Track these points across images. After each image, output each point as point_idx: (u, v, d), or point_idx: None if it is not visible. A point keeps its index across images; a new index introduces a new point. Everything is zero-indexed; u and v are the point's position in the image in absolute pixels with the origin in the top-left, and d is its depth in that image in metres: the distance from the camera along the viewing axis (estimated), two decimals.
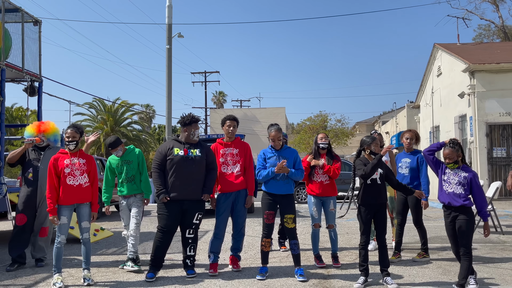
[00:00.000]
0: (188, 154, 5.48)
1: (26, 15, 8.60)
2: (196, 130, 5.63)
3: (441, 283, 5.03)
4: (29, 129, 6.46)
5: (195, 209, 5.50)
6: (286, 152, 5.54)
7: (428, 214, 12.46)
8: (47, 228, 6.35)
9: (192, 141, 5.61)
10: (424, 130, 21.22)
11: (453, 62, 16.85)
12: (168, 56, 18.98)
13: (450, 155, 4.78)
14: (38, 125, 6.50)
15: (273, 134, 5.50)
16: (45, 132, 6.45)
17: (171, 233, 5.50)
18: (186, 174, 5.42)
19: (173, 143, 5.62)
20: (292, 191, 5.50)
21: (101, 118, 35.61)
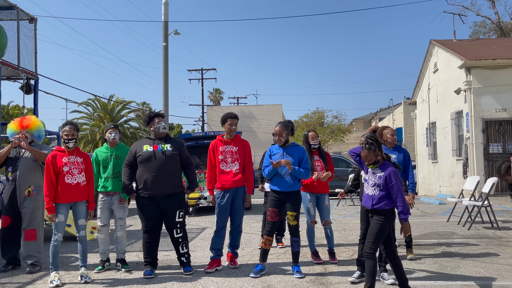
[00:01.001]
0: (158, 149, 5.47)
1: (22, 13, 8.57)
2: (160, 122, 5.59)
3: (437, 278, 5.05)
4: (11, 126, 6.08)
5: (174, 207, 5.41)
6: (292, 149, 5.50)
7: (425, 210, 12.50)
8: (34, 231, 5.88)
9: (160, 135, 5.60)
10: (420, 127, 21.26)
11: (449, 59, 16.87)
12: (165, 53, 18.95)
13: (367, 157, 4.43)
14: (20, 121, 6.10)
15: (277, 129, 5.48)
16: (28, 128, 6.05)
17: (155, 232, 5.51)
18: (157, 168, 5.38)
19: (144, 141, 5.63)
20: (296, 188, 5.45)
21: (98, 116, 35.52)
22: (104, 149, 5.92)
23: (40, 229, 5.97)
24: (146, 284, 5.08)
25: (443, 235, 7.98)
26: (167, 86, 18.96)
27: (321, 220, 6.04)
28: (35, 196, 5.89)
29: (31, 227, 5.87)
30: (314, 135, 6.10)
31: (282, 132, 5.46)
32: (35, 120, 6.16)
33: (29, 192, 5.89)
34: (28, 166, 5.94)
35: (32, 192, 5.90)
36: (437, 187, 18.45)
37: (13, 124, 6.09)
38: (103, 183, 5.80)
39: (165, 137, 5.63)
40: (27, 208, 5.86)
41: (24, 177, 5.89)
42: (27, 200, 5.88)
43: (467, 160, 15.01)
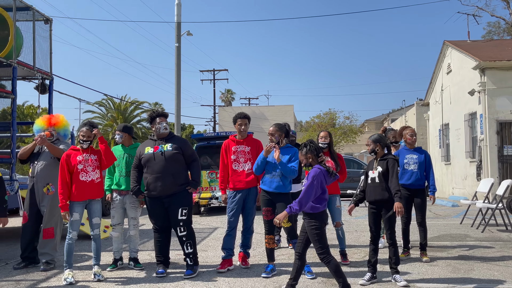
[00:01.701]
0: (158, 150, 5.49)
1: (37, 14, 8.67)
2: (161, 122, 5.60)
3: (450, 281, 5.01)
4: (39, 122, 6.16)
5: (177, 205, 5.41)
6: (285, 150, 5.53)
7: (437, 212, 12.40)
8: (51, 229, 5.93)
9: (162, 135, 5.61)
10: (433, 128, 21.09)
11: (463, 59, 16.71)
12: (177, 54, 19.04)
13: (300, 158, 4.59)
14: (48, 118, 6.19)
15: (271, 129, 5.52)
16: (55, 126, 6.16)
17: (165, 231, 5.55)
18: (158, 169, 5.41)
19: (147, 143, 5.67)
20: (286, 190, 5.44)
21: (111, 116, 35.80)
22: (120, 147, 5.99)
23: (57, 227, 6.03)
24: (158, 283, 5.11)
25: (456, 237, 7.91)
26: (180, 86, 19.05)
27: (332, 221, 6.00)
28: (54, 194, 5.89)
29: (49, 226, 5.93)
30: (325, 134, 6.04)
31: (275, 132, 5.48)
32: (63, 119, 6.27)
33: (48, 190, 5.94)
34: (47, 162, 5.99)
35: (51, 190, 5.93)
36: (450, 189, 18.29)
37: (41, 120, 6.15)
38: (116, 181, 5.86)
39: (167, 137, 5.64)
40: (45, 206, 5.92)
41: (43, 173, 5.94)
42: (46, 198, 5.93)
43: (481, 162, 14.85)
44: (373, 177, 5.15)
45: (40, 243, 5.95)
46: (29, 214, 5.99)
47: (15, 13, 8.03)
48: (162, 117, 5.66)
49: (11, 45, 7.85)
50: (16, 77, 7.95)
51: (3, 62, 7.72)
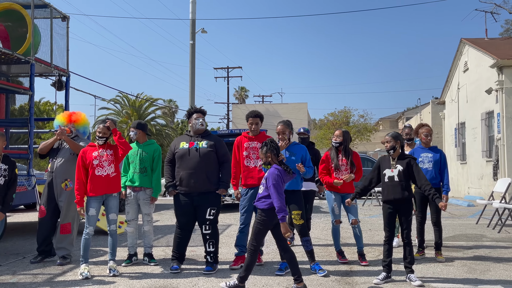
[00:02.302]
0: (193, 146, 5.50)
1: (55, 11, 8.76)
2: (198, 119, 5.63)
3: (466, 281, 4.96)
4: (60, 118, 6.23)
5: (206, 204, 5.43)
6: (294, 148, 5.52)
7: (453, 211, 12.28)
8: (69, 225, 6.04)
9: (198, 132, 5.63)
10: (449, 127, 20.87)
11: (480, 57, 16.50)
12: (192, 51, 19.10)
13: (260, 156, 4.68)
14: (69, 114, 6.28)
15: (278, 128, 5.51)
16: (75, 123, 6.24)
17: (186, 228, 5.56)
18: (191, 166, 5.43)
19: (182, 138, 5.71)
20: (298, 187, 5.47)
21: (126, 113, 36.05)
22: (134, 144, 6.03)
23: (74, 223, 6.11)
24: (172, 279, 5.15)
25: (472, 237, 7.83)
26: (194, 83, 19.11)
27: (348, 219, 5.95)
28: (71, 190, 5.92)
29: (67, 221, 6.02)
30: (338, 133, 5.99)
31: (285, 130, 5.47)
32: (84, 117, 6.35)
33: (66, 186, 6.01)
34: (66, 158, 6.07)
35: (69, 186, 5.99)
36: (466, 188, 18.09)
37: (62, 116, 6.23)
38: (130, 178, 5.91)
39: (203, 134, 5.66)
40: (63, 201, 6.00)
41: (61, 169, 6.01)
42: (63, 194, 6.00)
43: (498, 161, 14.66)
44: (391, 176, 5.09)
45: (57, 238, 6.03)
46: (46, 208, 6.05)
47: (33, 11, 8.13)
48: (199, 113, 5.70)
49: (29, 42, 7.96)
50: (34, 74, 8.05)
51: (21, 59, 7.82)
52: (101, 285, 4.91)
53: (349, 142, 6.04)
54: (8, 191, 5.22)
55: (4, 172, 5.19)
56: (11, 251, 6.82)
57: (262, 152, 4.67)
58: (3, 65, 8.71)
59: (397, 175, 5.05)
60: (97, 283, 4.98)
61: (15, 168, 5.34)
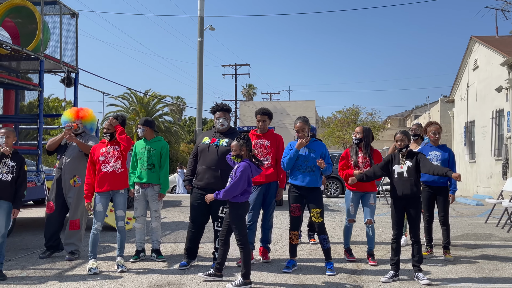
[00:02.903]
0: (214, 143, 5.51)
1: (64, 8, 8.81)
2: (219, 118, 5.61)
3: (475, 280, 4.93)
4: (67, 114, 6.21)
5: (219, 202, 5.37)
6: (313, 144, 5.48)
7: (461, 210, 12.21)
8: (78, 221, 6.07)
9: (222, 131, 5.64)
10: (458, 125, 20.73)
11: (490, 55, 16.35)
12: (200, 48, 19.11)
13: (234, 148, 4.84)
14: (76, 110, 6.25)
15: (298, 125, 5.47)
16: (83, 119, 6.21)
17: (198, 224, 5.54)
18: (208, 162, 5.43)
19: (208, 133, 5.72)
20: (318, 184, 5.43)
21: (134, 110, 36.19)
22: (142, 141, 6.03)
23: (83, 219, 6.15)
24: (179, 275, 5.17)
25: (480, 236, 7.78)
26: (202, 81, 19.13)
27: (364, 218, 5.90)
28: (80, 186, 5.97)
29: (76, 217, 6.06)
30: (359, 130, 5.91)
31: (304, 127, 5.44)
32: (91, 113, 6.33)
33: (74, 182, 6.04)
34: (74, 155, 6.09)
35: (78, 182, 6.03)
36: (475, 187, 17.97)
37: (69, 112, 6.21)
38: (138, 174, 5.91)
39: (227, 132, 5.63)
40: (72, 198, 6.03)
41: (70, 166, 6.04)
42: (72, 190, 6.03)
43: (507, 160, 14.54)
44: (401, 172, 5.08)
45: (66, 234, 6.06)
46: (55, 204, 6.08)
47: (43, 7, 8.18)
48: (221, 111, 5.66)
49: (38, 39, 8.01)
50: (43, 70, 8.10)
51: (31, 55, 7.87)
52: (109, 280, 4.94)
53: (370, 139, 5.90)
54: (20, 188, 5.20)
55: (12, 169, 5.17)
56: (20, 246, 6.88)
57: (237, 144, 4.81)
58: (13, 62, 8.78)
59: (406, 171, 5.05)
60: (105, 278, 5.01)
61: (23, 165, 5.31)
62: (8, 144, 5.15)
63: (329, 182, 16.79)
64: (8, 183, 5.11)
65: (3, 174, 5.07)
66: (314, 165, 5.37)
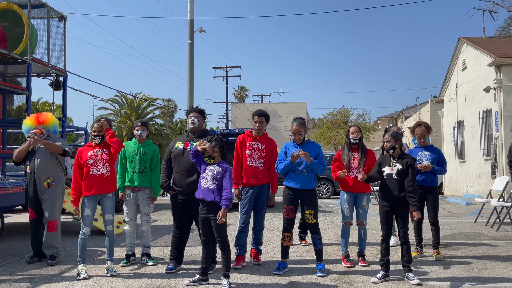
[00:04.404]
0: (188, 147, 5.49)
1: (52, 11, 8.76)
2: (191, 117, 5.62)
3: (464, 279, 4.96)
4: (27, 122, 6.14)
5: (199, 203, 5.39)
6: (308, 146, 5.50)
7: (451, 210, 12.29)
8: (55, 222, 6.02)
9: (193, 131, 5.63)
10: (448, 125, 20.88)
11: (478, 56, 16.50)
12: (190, 51, 19.08)
13: (207, 149, 4.87)
14: (36, 116, 6.15)
15: (295, 128, 5.47)
16: (44, 123, 6.11)
17: (183, 228, 5.54)
18: (184, 167, 5.42)
19: (180, 138, 5.71)
20: (312, 186, 5.44)
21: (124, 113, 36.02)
22: (133, 144, 5.97)
23: (59, 220, 6.13)
24: (170, 279, 5.14)
25: (470, 236, 7.83)
26: (192, 83, 19.09)
27: (357, 219, 5.90)
28: (54, 187, 6.00)
29: (53, 218, 6.00)
30: (356, 129, 5.87)
31: (301, 129, 5.45)
32: (51, 116, 6.26)
33: (48, 184, 5.99)
34: (44, 157, 6.03)
35: (52, 183, 6.00)
36: (464, 187, 18.10)
37: (29, 120, 6.13)
38: (129, 178, 5.87)
39: (200, 134, 5.63)
40: (48, 199, 5.98)
41: (42, 169, 5.99)
42: (46, 192, 5.98)
43: (496, 160, 14.67)
44: (390, 174, 5.10)
45: (46, 237, 6.00)
46: (35, 210, 6.06)
47: (30, 11, 8.12)
48: (194, 112, 5.67)
49: (26, 42, 7.95)
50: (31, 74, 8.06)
51: (18, 59, 7.82)
52: (99, 285, 4.90)
53: (363, 139, 5.94)
54: None
55: None
56: (8, 252, 6.81)
57: (210, 145, 4.84)
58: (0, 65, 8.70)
59: (395, 173, 5.06)
60: (95, 283, 4.97)
61: None
62: None
63: (320, 183, 16.84)
64: None
65: None
66: (307, 167, 5.38)
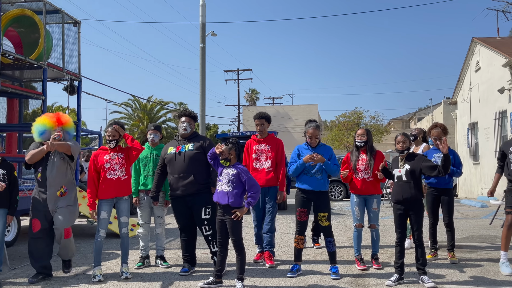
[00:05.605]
0: (180, 150, 5.54)
1: (66, 16, 8.87)
2: (184, 122, 5.65)
3: (480, 283, 4.91)
4: (45, 122, 5.35)
5: (200, 204, 5.42)
6: (321, 149, 5.51)
7: (466, 212, 12.17)
8: (70, 229, 5.51)
9: (183, 135, 5.67)
10: (461, 127, 20.68)
11: (492, 57, 16.33)
12: (202, 54, 19.16)
13: (224, 152, 4.86)
14: (56, 117, 5.39)
15: (311, 131, 5.48)
16: (65, 125, 5.41)
17: (188, 230, 5.61)
18: (179, 169, 5.46)
19: (170, 143, 5.75)
20: (325, 188, 5.45)
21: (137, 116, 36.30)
22: (146, 147, 6.03)
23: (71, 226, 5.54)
24: (184, 281, 5.17)
25: (485, 238, 7.75)
26: (204, 86, 19.17)
27: (369, 222, 5.84)
28: (68, 194, 5.35)
29: (68, 225, 5.41)
30: (362, 132, 5.83)
31: (317, 133, 5.49)
32: (69, 117, 5.63)
33: (61, 193, 5.32)
34: (58, 164, 5.31)
35: (65, 192, 5.33)
36: (479, 189, 17.90)
37: (47, 119, 5.36)
38: (143, 181, 5.93)
39: (190, 137, 5.67)
40: (62, 207, 5.29)
41: (54, 177, 5.27)
42: (60, 200, 5.29)
43: None
44: (400, 176, 5.09)
45: (63, 244, 5.45)
46: (41, 221, 5.29)
47: (45, 16, 8.24)
48: (185, 116, 5.71)
49: (41, 48, 8.07)
50: (46, 78, 8.17)
51: (34, 64, 7.93)
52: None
53: (372, 141, 5.88)
54: (11, 194, 5.33)
55: (3, 177, 5.29)
56: (25, 254, 6.88)
57: (227, 147, 4.84)
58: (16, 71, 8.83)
59: (404, 174, 5.05)
60: (110, 286, 5.02)
61: (13, 171, 5.42)
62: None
63: (332, 186, 16.79)
64: (3, 192, 5.21)
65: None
66: (321, 169, 5.39)
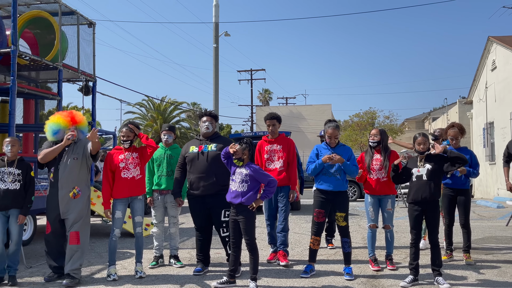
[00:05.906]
0: (202, 150, 5.56)
1: (81, 18, 8.97)
2: (206, 122, 5.67)
3: (496, 284, 4.85)
4: (60, 121, 5.28)
5: (220, 206, 5.42)
6: (340, 149, 5.47)
7: (481, 213, 12.02)
8: (78, 234, 5.17)
9: (206, 135, 5.68)
10: (477, 127, 20.43)
11: (509, 55, 16.10)
12: (215, 54, 19.20)
13: (238, 151, 4.88)
14: (71, 116, 5.31)
15: (330, 131, 5.46)
16: (79, 124, 5.36)
17: (204, 230, 5.63)
18: (201, 169, 5.48)
19: (192, 142, 5.77)
20: (344, 188, 5.41)
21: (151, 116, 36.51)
22: (160, 148, 6.06)
23: (82, 233, 5.24)
24: (198, 281, 5.19)
25: (502, 240, 7.64)
26: (218, 86, 19.21)
27: (383, 223, 5.82)
28: (80, 197, 5.24)
29: (76, 229, 5.19)
30: (375, 132, 5.83)
31: (336, 133, 5.47)
32: (83, 116, 5.55)
33: (74, 194, 5.21)
34: (71, 164, 5.23)
35: (78, 193, 5.23)
36: (495, 189, 17.66)
37: (62, 119, 5.30)
38: (157, 181, 5.96)
39: (212, 137, 5.69)
40: (73, 210, 5.19)
41: (67, 178, 5.20)
42: (72, 202, 5.20)
43: None
44: (419, 175, 5.04)
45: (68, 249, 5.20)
46: (51, 223, 5.25)
47: (61, 18, 8.33)
48: (207, 116, 5.73)
49: (57, 49, 8.17)
50: (62, 79, 8.25)
51: (49, 65, 8.03)
52: (128, 286, 4.98)
53: (386, 141, 5.87)
54: (26, 194, 5.24)
55: (18, 177, 5.20)
56: (40, 253, 6.97)
57: (241, 147, 4.88)
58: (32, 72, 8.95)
59: (425, 173, 4.99)
60: (124, 285, 5.06)
61: (30, 171, 5.34)
62: (13, 152, 5.25)
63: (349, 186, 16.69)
64: (17, 192, 5.18)
65: (9, 183, 5.15)
66: (340, 169, 5.37)
